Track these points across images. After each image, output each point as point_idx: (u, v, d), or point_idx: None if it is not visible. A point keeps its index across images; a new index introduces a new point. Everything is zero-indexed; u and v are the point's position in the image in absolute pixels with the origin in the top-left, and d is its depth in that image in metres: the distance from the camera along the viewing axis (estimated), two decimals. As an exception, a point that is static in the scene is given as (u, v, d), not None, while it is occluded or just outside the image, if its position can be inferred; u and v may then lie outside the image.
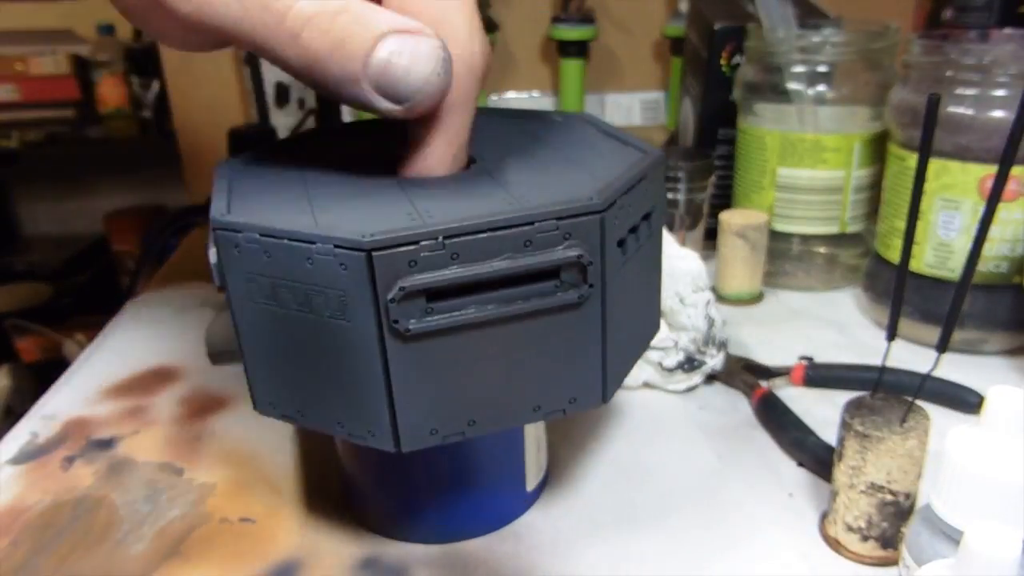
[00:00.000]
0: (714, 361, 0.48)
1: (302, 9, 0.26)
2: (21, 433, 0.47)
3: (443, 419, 0.28)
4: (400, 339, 0.26)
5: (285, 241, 0.26)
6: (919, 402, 0.34)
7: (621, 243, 0.29)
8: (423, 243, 0.25)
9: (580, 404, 0.30)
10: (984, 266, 0.50)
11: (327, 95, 0.28)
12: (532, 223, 0.26)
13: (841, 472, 0.34)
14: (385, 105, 0.27)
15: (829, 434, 0.39)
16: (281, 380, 0.30)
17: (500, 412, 0.29)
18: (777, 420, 0.44)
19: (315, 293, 0.27)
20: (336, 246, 0.25)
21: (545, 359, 0.29)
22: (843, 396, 0.37)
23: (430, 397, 0.28)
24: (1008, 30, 0.54)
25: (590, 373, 0.30)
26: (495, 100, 1.06)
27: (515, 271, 0.26)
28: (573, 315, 0.28)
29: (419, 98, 0.27)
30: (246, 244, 0.27)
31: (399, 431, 0.28)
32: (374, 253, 0.25)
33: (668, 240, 0.50)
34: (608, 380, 0.30)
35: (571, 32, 0.98)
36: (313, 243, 0.26)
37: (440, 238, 0.25)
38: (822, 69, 0.59)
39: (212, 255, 0.29)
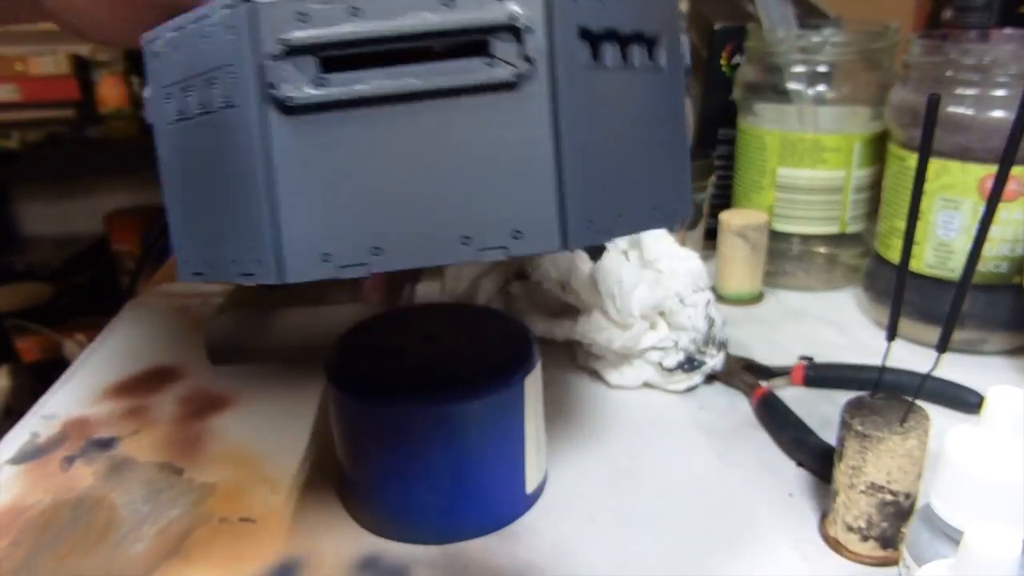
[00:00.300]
0: (714, 361, 0.48)
1: None
2: (21, 433, 0.47)
3: (339, 240, 0.23)
4: (283, 114, 0.22)
5: (189, 27, 0.24)
6: (919, 402, 0.34)
7: (590, 38, 0.24)
8: None
9: (528, 242, 0.23)
10: (984, 266, 0.50)
11: None
12: None
13: (841, 472, 0.34)
14: None
15: (829, 434, 0.39)
16: (191, 226, 0.26)
17: (415, 238, 0.23)
18: (777, 420, 0.44)
19: (212, 82, 0.23)
20: (224, 7, 0.22)
21: (473, 165, 0.23)
22: (843, 396, 0.37)
23: (321, 205, 0.23)
24: (1008, 30, 0.54)
25: (539, 196, 0.23)
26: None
27: (431, 30, 0.22)
28: (509, 102, 0.22)
29: None
30: (163, 49, 0.25)
31: (283, 251, 0.23)
32: (260, 3, 0.22)
33: (668, 240, 0.50)
34: (569, 213, 0.23)
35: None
36: (208, 16, 0.23)
37: None
38: (822, 69, 0.59)
39: (146, 90, 0.26)
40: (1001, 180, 0.29)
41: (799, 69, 0.59)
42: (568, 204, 0.23)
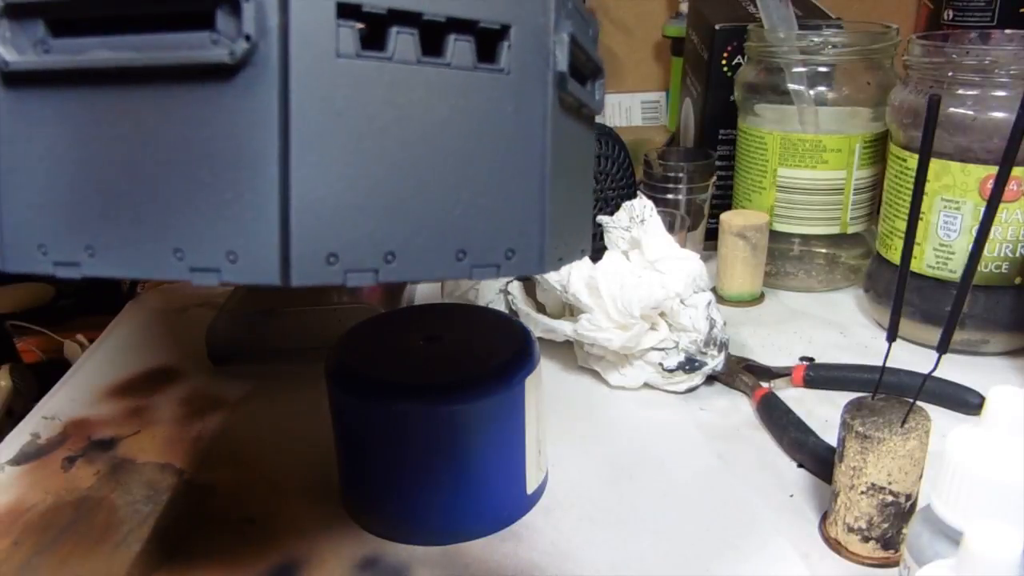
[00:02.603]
0: (715, 362, 0.48)
1: None
2: (22, 434, 0.47)
3: (57, 233, 0.20)
4: (4, 83, 0.20)
5: None
6: (920, 403, 0.34)
7: (358, 15, 0.19)
8: None
9: (241, 264, 0.19)
10: (985, 267, 0.50)
11: None
12: None
13: (842, 473, 0.34)
14: None
15: (830, 435, 0.39)
16: None
17: (125, 241, 0.20)
18: (778, 421, 0.44)
19: None
20: None
21: (188, 160, 0.19)
22: (844, 397, 0.37)
23: (40, 191, 0.20)
24: (1008, 31, 0.54)
25: (259, 208, 0.19)
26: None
27: None
28: (228, 89, 0.19)
29: None
30: None
31: (2, 241, 0.21)
32: None
33: (669, 241, 0.50)
34: (295, 240, 0.19)
35: (572, 33, 0.98)
36: None
37: None
38: (823, 70, 0.59)
39: None
40: (1002, 181, 0.29)
41: (800, 70, 0.59)
42: (294, 229, 0.19)
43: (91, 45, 0.19)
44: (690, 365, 0.48)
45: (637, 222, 0.51)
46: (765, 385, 0.48)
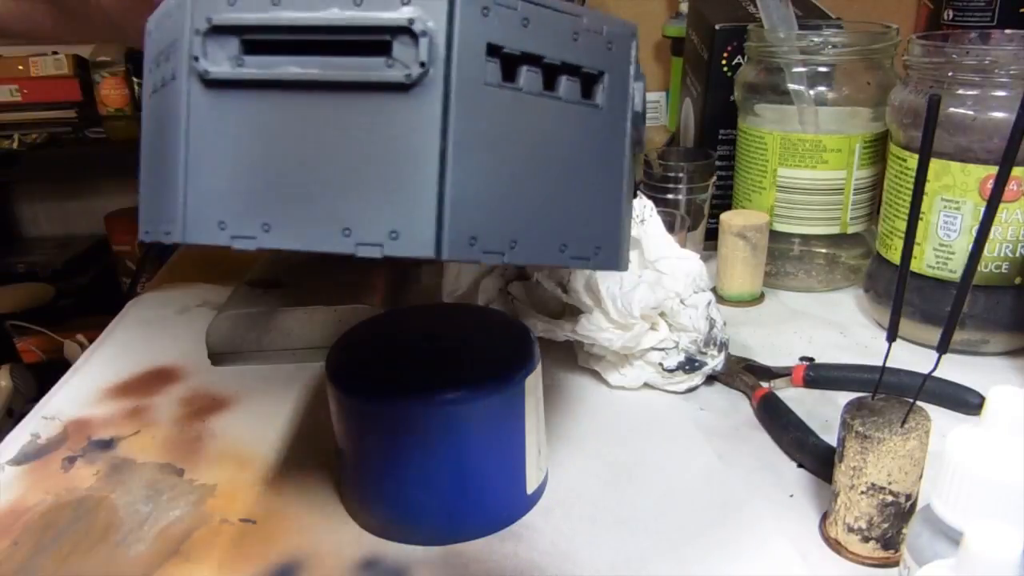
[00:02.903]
0: (715, 362, 0.48)
1: None
2: (22, 434, 0.47)
3: (235, 211, 0.25)
4: (203, 86, 0.24)
5: (164, 7, 0.26)
6: (920, 403, 0.34)
7: (500, 55, 0.24)
8: None
9: (403, 244, 0.24)
10: (985, 267, 0.50)
11: None
12: None
13: (842, 473, 0.34)
14: None
15: (830, 435, 0.39)
16: (147, 190, 0.28)
17: (302, 222, 0.24)
18: (778, 421, 0.44)
19: (168, 57, 0.26)
20: None
21: (361, 160, 0.24)
22: (844, 397, 0.37)
23: (224, 175, 0.25)
24: (1008, 31, 0.54)
25: (419, 201, 0.24)
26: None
27: (340, 24, 0.23)
28: (401, 103, 0.23)
29: None
30: (151, 28, 0.27)
31: (187, 214, 0.25)
32: None
33: (669, 241, 0.50)
34: (447, 224, 0.24)
35: (572, 33, 0.98)
36: None
37: None
38: (823, 70, 0.59)
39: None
40: (1002, 181, 0.29)
41: (800, 70, 0.59)
42: (447, 215, 0.24)
43: (280, 63, 0.24)
44: (690, 365, 0.48)
45: (637, 222, 0.51)
46: (765, 385, 0.48)
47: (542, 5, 0.25)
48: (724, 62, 0.68)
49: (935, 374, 0.34)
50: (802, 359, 0.52)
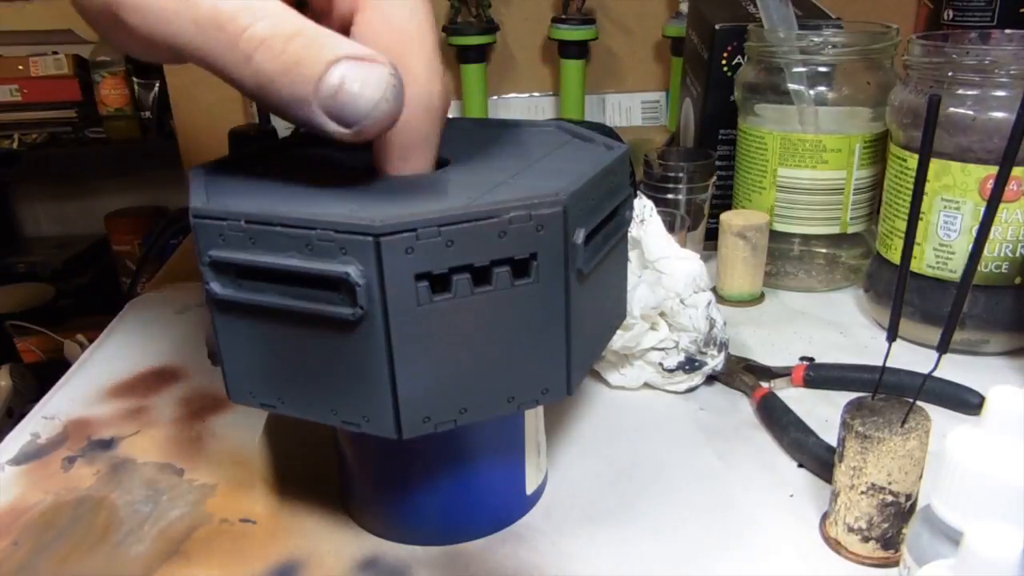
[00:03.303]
0: (715, 362, 0.48)
1: (256, 32, 0.27)
2: (22, 433, 0.47)
3: (259, 384, 0.32)
4: (217, 305, 0.31)
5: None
6: (920, 403, 0.34)
7: (431, 278, 0.28)
8: (226, 222, 0.29)
9: (373, 425, 0.30)
10: (985, 267, 0.50)
11: (281, 116, 0.29)
12: (313, 228, 0.27)
13: (842, 473, 0.34)
14: (334, 128, 0.28)
15: (830, 435, 0.39)
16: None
17: (299, 400, 0.31)
18: (778, 421, 0.44)
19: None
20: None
21: (334, 363, 0.29)
22: (844, 397, 0.37)
23: (245, 359, 0.32)
24: (1008, 30, 0.54)
25: (379, 400, 0.29)
26: (495, 101, 1.06)
27: (296, 268, 0.28)
28: (352, 331, 0.28)
29: (367, 123, 0.28)
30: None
31: (230, 386, 0.33)
32: (196, 220, 0.29)
33: (669, 241, 0.50)
34: (403, 415, 0.29)
35: (571, 32, 0.98)
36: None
37: (241, 220, 0.28)
38: (823, 70, 0.59)
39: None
40: (1002, 181, 0.29)
41: (800, 70, 0.59)
42: (402, 408, 0.29)
43: (265, 288, 0.29)
44: (690, 365, 0.48)
45: (637, 222, 0.51)
46: (765, 385, 0.48)
47: (465, 221, 0.28)
48: (724, 62, 0.68)
49: (935, 374, 0.34)
50: (802, 359, 0.52)
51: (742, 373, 0.49)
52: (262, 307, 0.29)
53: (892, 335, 0.34)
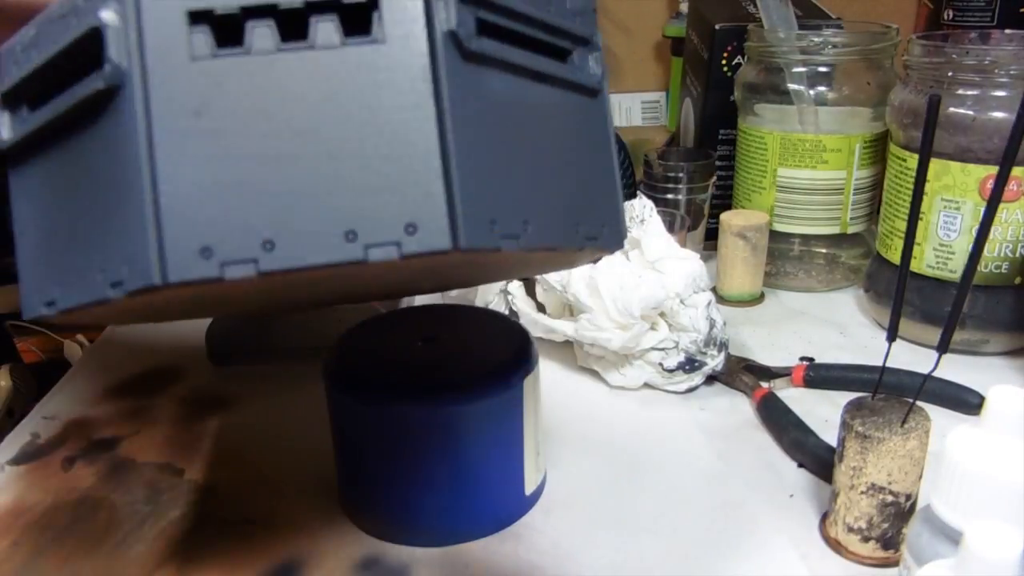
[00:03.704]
0: (715, 362, 0.48)
1: None
2: (22, 434, 0.47)
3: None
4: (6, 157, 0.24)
5: None
6: (920, 403, 0.34)
7: (213, 18, 0.20)
8: None
9: (129, 273, 0.21)
10: (985, 267, 0.50)
11: None
12: None
13: (842, 473, 0.34)
14: None
15: (830, 435, 0.39)
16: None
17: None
18: (778, 421, 0.44)
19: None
20: None
21: (87, 208, 0.22)
22: (844, 397, 0.37)
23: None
24: (1008, 31, 0.54)
25: (133, 216, 0.20)
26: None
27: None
28: (108, 123, 0.21)
29: None
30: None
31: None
32: None
33: (669, 241, 0.50)
34: (165, 236, 0.20)
35: (572, 33, 0.98)
36: None
37: None
38: (823, 70, 0.59)
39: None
40: (1002, 181, 0.29)
41: (800, 70, 0.59)
42: (168, 228, 0.20)
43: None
44: (690, 365, 0.48)
45: (637, 222, 0.51)
46: (765, 385, 0.48)
47: None
48: (724, 62, 0.68)
49: (935, 374, 0.34)
50: (802, 359, 0.52)
51: (742, 373, 0.49)
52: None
53: (892, 335, 0.34)
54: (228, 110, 0.20)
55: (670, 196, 0.63)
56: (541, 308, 0.54)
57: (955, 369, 0.46)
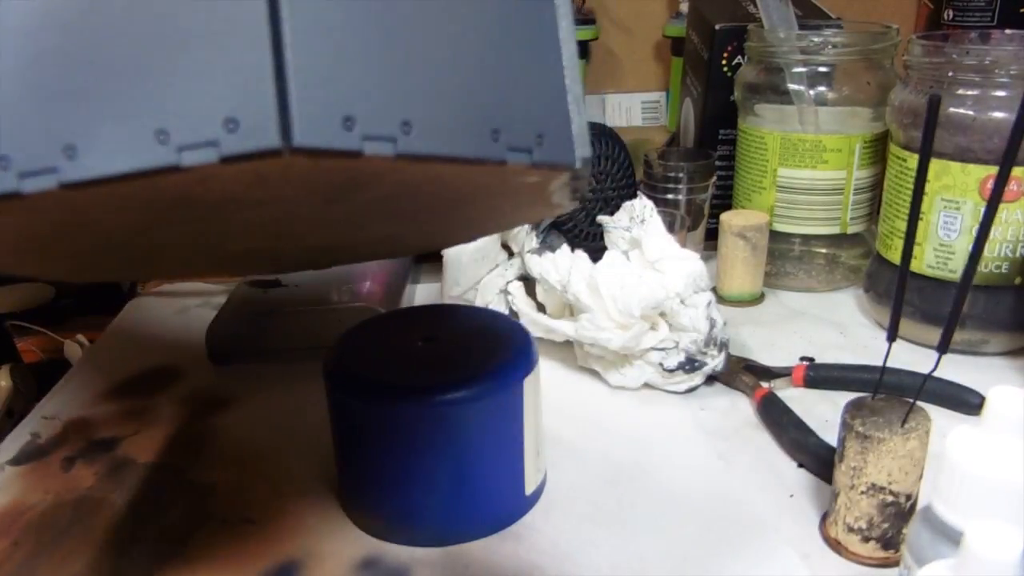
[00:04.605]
0: (715, 362, 0.48)
1: None
2: (22, 434, 0.47)
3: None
4: None
5: None
6: (920, 403, 0.34)
7: None
8: None
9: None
10: (985, 267, 0.50)
11: None
12: None
13: (842, 473, 0.34)
14: None
15: (830, 435, 0.39)
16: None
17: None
18: (778, 421, 0.44)
19: None
20: None
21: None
22: (844, 397, 0.37)
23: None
24: (1008, 31, 0.54)
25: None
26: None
27: None
28: None
29: None
30: None
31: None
32: None
33: (669, 241, 0.50)
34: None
35: (572, 33, 0.98)
36: None
37: None
38: (823, 70, 0.59)
39: None
40: (1002, 181, 0.29)
41: (800, 70, 0.59)
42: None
43: None
44: (690, 365, 0.48)
45: (637, 222, 0.51)
46: (765, 385, 0.48)
47: None
48: (724, 62, 0.68)
49: (935, 374, 0.34)
50: (802, 359, 0.52)
51: (742, 373, 0.49)
52: None
53: (892, 335, 0.34)
54: None
55: (670, 196, 0.63)
56: (541, 308, 0.54)
57: (955, 369, 0.46)
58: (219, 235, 0.27)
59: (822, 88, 0.59)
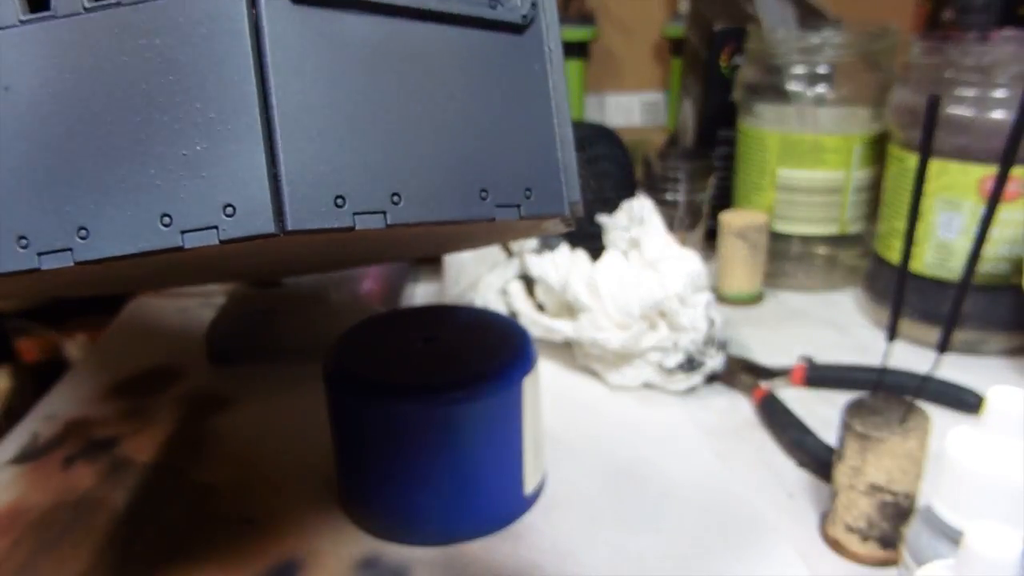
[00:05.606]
0: (714, 361, 0.48)
1: None
2: (22, 434, 0.47)
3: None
4: None
5: None
6: (919, 403, 0.34)
7: None
8: None
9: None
10: (984, 267, 0.50)
11: None
12: None
13: (841, 473, 0.34)
14: None
15: (829, 435, 0.39)
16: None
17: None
18: (777, 420, 0.44)
19: None
20: None
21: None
22: (843, 396, 0.37)
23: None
24: (1008, 31, 0.54)
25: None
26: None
27: None
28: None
29: None
30: None
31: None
32: None
33: (668, 240, 0.50)
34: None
35: (571, 32, 0.98)
36: None
37: None
38: (822, 70, 0.59)
39: None
40: (1001, 181, 0.29)
41: (799, 70, 0.59)
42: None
43: None
44: (690, 365, 0.48)
45: (637, 222, 0.51)
46: (765, 385, 0.48)
47: None
48: (723, 62, 0.68)
49: (934, 374, 0.34)
50: (802, 359, 0.52)
51: (742, 373, 0.49)
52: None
53: (891, 335, 0.34)
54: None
55: (670, 196, 0.63)
56: (541, 308, 0.54)
57: (955, 369, 0.46)
58: (220, 270, 0.30)
59: (821, 88, 0.59)
